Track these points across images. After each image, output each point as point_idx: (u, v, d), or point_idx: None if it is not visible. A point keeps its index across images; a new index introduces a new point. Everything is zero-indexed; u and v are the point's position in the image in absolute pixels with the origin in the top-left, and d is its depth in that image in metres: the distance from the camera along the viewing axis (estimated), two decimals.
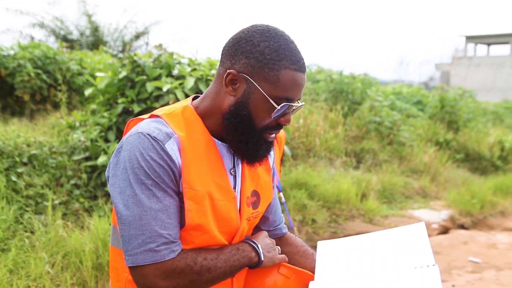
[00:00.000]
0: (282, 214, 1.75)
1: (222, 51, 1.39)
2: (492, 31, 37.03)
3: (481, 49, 40.88)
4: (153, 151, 1.28)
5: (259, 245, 1.45)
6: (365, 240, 1.55)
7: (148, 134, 1.30)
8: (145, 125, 1.34)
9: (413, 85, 23.17)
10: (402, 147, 9.74)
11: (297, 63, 1.33)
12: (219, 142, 1.42)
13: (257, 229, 1.62)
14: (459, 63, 35.75)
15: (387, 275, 1.38)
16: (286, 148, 6.41)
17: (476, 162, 10.82)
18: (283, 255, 1.53)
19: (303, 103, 1.42)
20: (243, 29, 1.38)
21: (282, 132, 2.34)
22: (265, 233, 1.53)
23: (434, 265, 1.39)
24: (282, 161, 2.39)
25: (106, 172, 1.39)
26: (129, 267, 1.29)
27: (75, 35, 15.11)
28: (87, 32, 15.10)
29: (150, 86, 5.11)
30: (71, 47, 11.97)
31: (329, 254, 1.54)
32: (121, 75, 5.36)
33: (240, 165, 1.48)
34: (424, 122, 11.98)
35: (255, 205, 1.52)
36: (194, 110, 1.42)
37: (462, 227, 7.21)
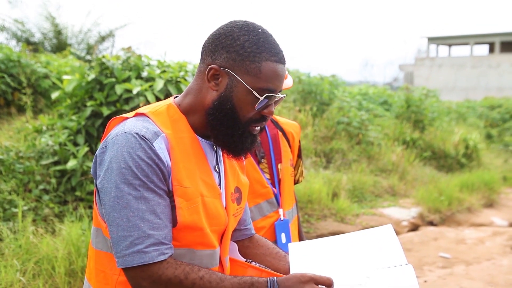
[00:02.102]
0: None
1: (202, 48, 1.40)
2: (453, 33, 37.92)
3: (443, 50, 41.75)
4: (141, 150, 1.26)
5: (276, 284, 1.31)
6: (335, 242, 1.57)
7: (136, 133, 1.28)
8: (131, 124, 1.32)
9: (378, 86, 23.50)
10: (370, 147, 9.86)
11: (277, 55, 1.36)
12: (203, 140, 1.43)
13: None
14: (422, 64, 36.49)
15: (363, 275, 1.40)
16: None
17: (442, 160, 11.05)
18: None
19: (285, 94, 1.43)
20: (221, 26, 1.39)
21: (296, 126, 2.36)
22: (300, 278, 1.32)
23: (407, 264, 1.42)
24: (300, 156, 2.40)
25: (91, 171, 1.36)
26: (122, 269, 1.28)
27: (37, 37, 14.78)
28: (50, 34, 14.79)
29: (119, 89, 5.03)
30: (35, 50, 11.70)
31: (301, 256, 1.54)
32: (89, 78, 5.26)
33: (222, 162, 1.49)
34: (391, 121, 12.17)
35: (238, 201, 1.52)
36: (177, 107, 1.41)
37: (431, 223, 7.35)
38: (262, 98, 1.34)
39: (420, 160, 10.49)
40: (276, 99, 1.38)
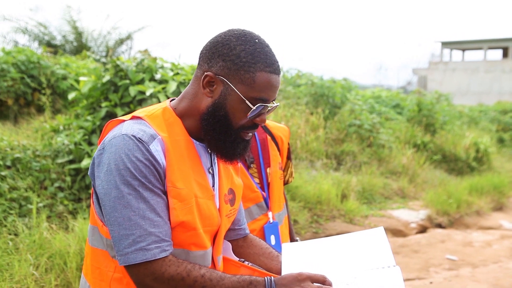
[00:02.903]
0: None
1: (200, 54, 1.42)
2: (466, 37, 37.57)
3: (457, 54, 41.41)
4: (139, 152, 1.29)
5: (274, 283, 1.33)
6: (328, 243, 1.59)
7: (133, 136, 1.30)
8: (128, 126, 1.34)
9: (392, 89, 23.39)
10: (381, 149, 9.82)
11: (272, 66, 1.37)
12: (197, 143, 1.45)
13: None
14: (436, 68, 36.19)
15: (350, 275, 1.41)
16: None
17: (452, 163, 10.96)
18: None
19: (278, 104, 1.45)
20: (220, 33, 1.41)
21: (285, 130, 2.38)
22: (297, 277, 1.35)
23: (395, 266, 1.43)
24: (289, 158, 2.42)
25: (89, 172, 1.38)
26: (124, 267, 1.29)
27: (58, 40, 14.96)
28: (71, 37, 14.97)
29: (133, 90, 5.09)
30: (55, 52, 11.85)
31: (294, 256, 1.56)
32: (104, 79, 5.33)
33: (216, 164, 1.51)
34: (402, 125, 12.10)
35: (232, 202, 1.54)
36: (173, 111, 1.43)
37: (439, 226, 7.29)
38: (255, 107, 1.36)
39: (431, 163, 10.41)
40: (268, 108, 1.40)
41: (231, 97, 1.35)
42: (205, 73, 1.37)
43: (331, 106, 10.73)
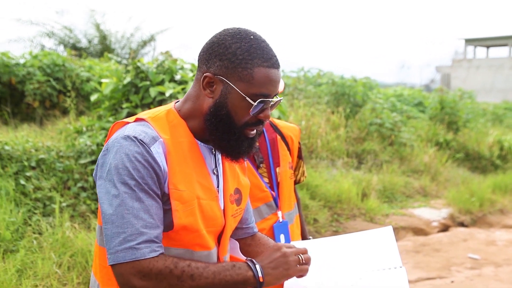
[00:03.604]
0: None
1: (198, 56, 1.42)
2: (491, 34, 36.89)
3: (481, 51, 40.61)
4: (139, 153, 1.29)
5: (257, 265, 1.35)
6: (336, 242, 1.58)
7: (134, 137, 1.31)
8: (131, 128, 1.35)
9: (415, 87, 23.10)
10: (403, 148, 9.71)
11: (270, 60, 1.36)
12: (202, 144, 1.44)
13: None
14: (459, 66, 35.63)
15: (356, 275, 1.40)
16: None
17: (476, 161, 10.77)
18: (301, 268, 1.39)
19: (281, 98, 1.43)
20: (215, 34, 1.40)
21: (295, 129, 2.38)
22: (273, 248, 1.41)
23: (401, 266, 1.42)
24: (300, 157, 2.42)
25: (93, 173, 1.39)
26: (110, 266, 1.28)
27: (83, 43, 15.17)
28: (95, 40, 15.16)
29: (153, 91, 5.13)
30: (79, 55, 12.02)
31: None
32: (125, 81, 5.39)
33: (221, 165, 1.51)
34: (425, 123, 11.95)
35: (238, 202, 1.53)
36: (177, 113, 1.44)
37: (462, 224, 7.18)
38: (256, 103, 1.34)
39: (453, 161, 10.25)
40: (271, 103, 1.39)
41: (231, 95, 1.35)
42: (204, 74, 1.37)
43: (352, 105, 10.65)
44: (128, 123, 1.40)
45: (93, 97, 5.74)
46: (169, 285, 1.27)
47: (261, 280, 1.33)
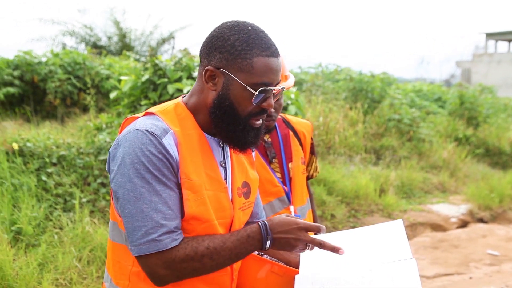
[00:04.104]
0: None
1: (200, 52, 1.44)
2: None
3: (502, 45, 39.93)
4: (152, 145, 1.31)
5: (269, 238, 1.37)
6: (347, 236, 1.58)
7: (146, 130, 1.33)
8: (142, 122, 1.37)
9: (435, 83, 22.84)
10: (421, 144, 9.61)
11: (269, 49, 1.37)
12: (209, 137, 1.46)
13: None
14: (480, 60, 35.09)
15: (367, 267, 1.41)
16: None
17: (496, 157, 10.62)
18: (310, 237, 1.39)
19: (283, 86, 1.45)
20: (214, 28, 1.42)
21: (307, 125, 2.39)
22: (295, 223, 1.40)
23: (411, 258, 1.42)
24: (313, 153, 2.43)
25: (106, 167, 1.42)
26: (136, 257, 1.32)
27: (103, 41, 15.34)
28: (115, 38, 15.31)
29: (171, 88, 5.17)
30: (99, 53, 12.16)
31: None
32: (143, 78, 5.43)
33: (229, 157, 1.52)
34: (444, 118, 11.81)
35: (246, 195, 1.55)
36: (185, 106, 1.46)
37: (481, 221, 7.09)
38: (257, 92, 1.36)
39: (473, 157, 10.12)
40: (273, 92, 1.40)
41: (233, 86, 1.36)
42: (206, 68, 1.39)
43: (370, 101, 10.58)
44: (138, 117, 1.42)
45: (112, 95, 5.80)
46: (192, 269, 1.32)
47: (267, 247, 1.38)
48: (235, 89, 1.36)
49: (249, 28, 1.38)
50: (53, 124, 7.37)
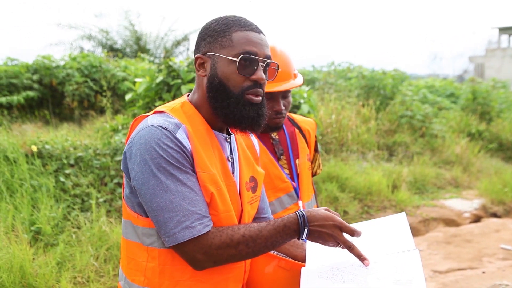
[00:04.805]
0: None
1: (193, 53, 1.51)
2: None
3: None
4: (167, 139, 1.33)
5: (305, 229, 1.39)
6: None
7: (159, 126, 1.34)
8: (154, 119, 1.39)
9: (448, 79, 22.60)
10: (434, 139, 9.53)
11: (248, 26, 1.43)
12: (217, 132, 1.48)
13: None
14: (493, 55, 34.63)
15: (372, 260, 1.42)
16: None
17: (509, 152, 10.48)
18: (344, 238, 1.40)
19: (271, 60, 1.45)
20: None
21: (312, 123, 2.40)
22: (332, 219, 1.41)
23: (414, 249, 1.44)
24: (317, 150, 2.45)
25: (122, 167, 1.42)
26: (172, 247, 1.34)
27: (119, 44, 15.45)
28: (131, 41, 15.41)
29: (184, 89, 5.18)
30: (115, 56, 12.25)
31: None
32: (158, 80, 5.46)
33: (236, 153, 1.54)
34: (457, 114, 11.69)
35: (253, 189, 1.57)
36: (190, 103, 1.48)
37: (494, 215, 7.00)
38: (239, 59, 1.38)
39: (486, 152, 10.00)
40: (258, 61, 1.41)
41: (218, 64, 1.41)
42: (195, 57, 1.46)
43: (382, 98, 10.52)
44: (147, 116, 1.44)
45: (128, 96, 5.84)
46: (228, 255, 1.35)
47: (304, 239, 1.41)
48: (221, 65, 1.40)
49: (230, 15, 1.46)
50: (71, 126, 7.45)
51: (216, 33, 1.41)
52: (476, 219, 6.79)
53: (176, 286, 1.40)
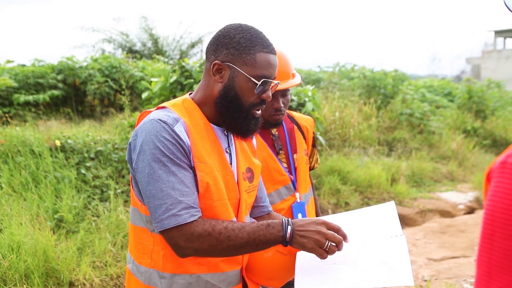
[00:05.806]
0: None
1: (206, 50, 1.49)
2: None
3: (510, 42, 38.90)
4: (165, 132, 1.35)
5: (289, 227, 1.37)
6: (344, 217, 1.60)
7: (159, 119, 1.37)
8: (155, 113, 1.42)
9: (446, 79, 22.40)
10: (431, 136, 9.47)
11: (269, 47, 1.44)
12: (215, 126, 1.50)
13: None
14: (489, 57, 34.27)
15: (360, 244, 1.44)
16: (320, 138, 6.37)
17: (503, 147, 10.38)
18: (321, 252, 1.36)
19: (279, 81, 1.50)
20: (220, 29, 1.48)
21: (310, 120, 2.41)
22: (316, 221, 1.40)
23: (402, 235, 1.45)
24: (314, 146, 2.46)
25: (126, 157, 1.46)
26: (160, 233, 1.36)
27: (138, 46, 15.49)
28: (149, 43, 15.45)
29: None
30: (134, 57, 12.30)
31: None
32: (171, 80, 5.47)
33: (233, 145, 1.56)
34: (453, 112, 11.60)
35: (250, 179, 1.58)
36: (192, 100, 1.50)
37: None
38: (260, 83, 1.41)
39: (481, 147, 9.92)
40: (272, 84, 1.46)
41: (238, 78, 1.42)
42: (213, 62, 1.43)
43: (383, 97, 10.46)
44: (151, 111, 1.47)
45: (144, 95, 5.86)
46: (209, 245, 1.34)
47: (287, 240, 1.38)
48: (240, 80, 1.42)
49: (251, 28, 1.45)
50: (92, 123, 7.50)
51: (241, 48, 1.41)
52: (470, 210, 6.75)
53: (179, 268, 1.43)
